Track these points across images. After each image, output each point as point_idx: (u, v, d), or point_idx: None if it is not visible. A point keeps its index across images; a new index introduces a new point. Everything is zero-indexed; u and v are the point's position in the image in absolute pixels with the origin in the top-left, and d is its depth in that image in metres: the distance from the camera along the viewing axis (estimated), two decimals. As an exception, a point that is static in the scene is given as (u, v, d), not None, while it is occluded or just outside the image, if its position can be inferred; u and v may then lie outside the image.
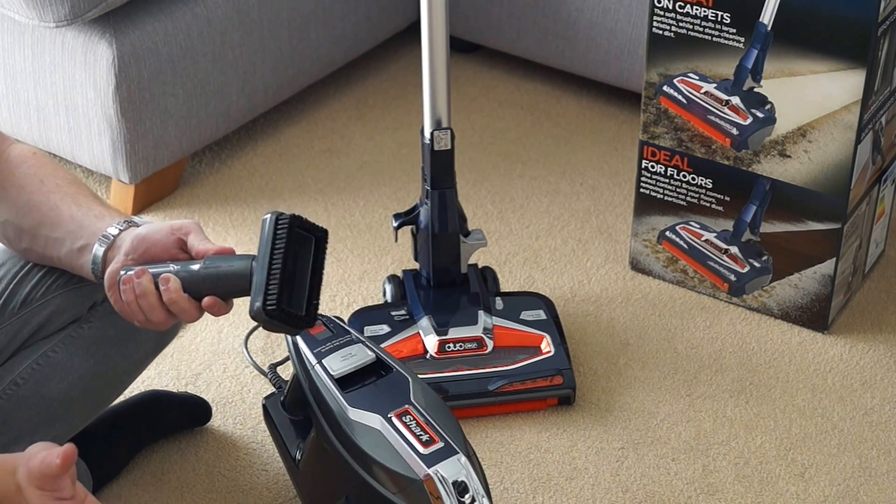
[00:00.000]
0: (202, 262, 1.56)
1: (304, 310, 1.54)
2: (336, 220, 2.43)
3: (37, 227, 1.65)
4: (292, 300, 1.53)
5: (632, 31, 2.55)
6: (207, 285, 1.55)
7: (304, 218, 1.56)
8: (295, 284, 1.54)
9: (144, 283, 1.54)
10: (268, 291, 1.51)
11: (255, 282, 1.52)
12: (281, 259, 1.52)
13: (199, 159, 2.59)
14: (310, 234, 1.57)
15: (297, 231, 1.55)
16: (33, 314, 1.72)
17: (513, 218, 2.44)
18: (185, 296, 1.55)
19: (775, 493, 1.91)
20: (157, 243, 1.59)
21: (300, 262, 1.55)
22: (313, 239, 1.57)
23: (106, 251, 1.60)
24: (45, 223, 1.64)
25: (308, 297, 1.55)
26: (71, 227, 1.63)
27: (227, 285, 1.55)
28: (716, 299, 2.25)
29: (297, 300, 1.54)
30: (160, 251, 1.59)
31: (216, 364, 2.12)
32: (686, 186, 2.19)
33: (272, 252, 1.53)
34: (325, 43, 2.63)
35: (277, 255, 1.52)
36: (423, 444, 1.59)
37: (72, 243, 1.63)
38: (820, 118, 2.03)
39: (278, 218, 1.55)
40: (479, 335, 2.06)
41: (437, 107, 2.01)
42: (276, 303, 1.51)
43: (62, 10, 2.19)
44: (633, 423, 2.03)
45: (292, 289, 1.53)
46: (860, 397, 2.07)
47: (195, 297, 1.55)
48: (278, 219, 1.55)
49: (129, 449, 1.93)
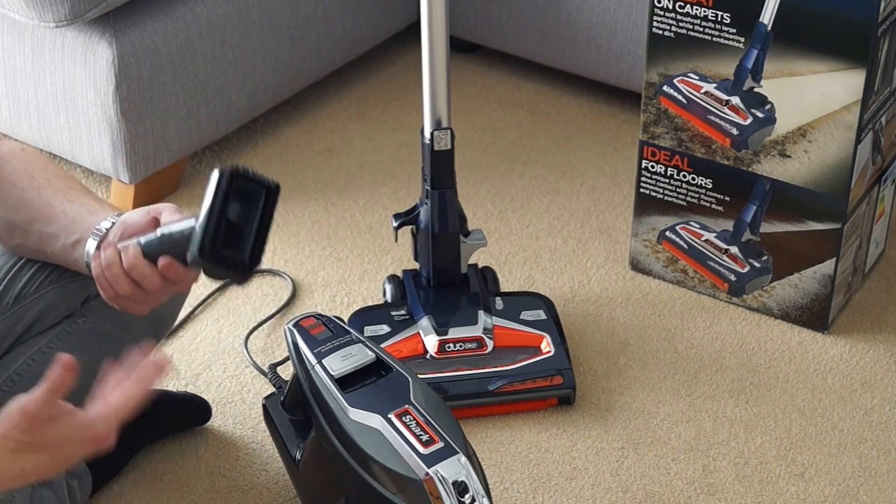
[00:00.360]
0: (160, 229, 1.57)
1: (246, 256, 1.53)
2: (336, 220, 2.43)
3: (29, 222, 1.65)
4: (233, 245, 1.52)
5: (632, 31, 2.55)
6: (162, 248, 1.56)
7: (252, 171, 1.55)
8: (237, 231, 1.53)
9: (109, 254, 1.56)
10: (204, 234, 1.50)
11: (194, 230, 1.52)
12: (220, 205, 1.51)
13: (199, 159, 2.59)
14: (259, 187, 1.56)
15: (240, 182, 1.54)
16: (27, 309, 1.72)
17: (513, 218, 2.44)
18: (144, 261, 1.55)
19: (775, 493, 1.91)
20: (133, 224, 1.60)
21: (245, 211, 1.54)
22: (263, 190, 1.56)
23: (99, 244, 1.60)
24: (38, 219, 1.64)
25: (252, 246, 1.54)
26: (64, 223, 1.63)
27: (178, 244, 1.54)
28: (716, 299, 2.25)
29: (240, 246, 1.53)
30: (136, 232, 1.60)
31: (216, 364, 2.12)
32: (686, 186, 2.19)
33: (213, 200, 1.52)
34: (325, 43, 2.63)
35: (217, 202, 1.51)
36: (423, 444, 1.59)
37: (65, 238, 1.63)
38: (820, 118, 2.03)
39: (221, 169, 1.54)
40: (479, 335, 2.06)
41: (437, 107, 2.01)
42: (210, 245, 1.50)
43: (62, 10, 2.19)
44: (633, 423, 2.03)
45: (238, 236, 1.53)
46: (860, 397, 2.07)
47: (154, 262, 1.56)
48: (221, 170, 1.53)
49: (129, 449, 1.93)
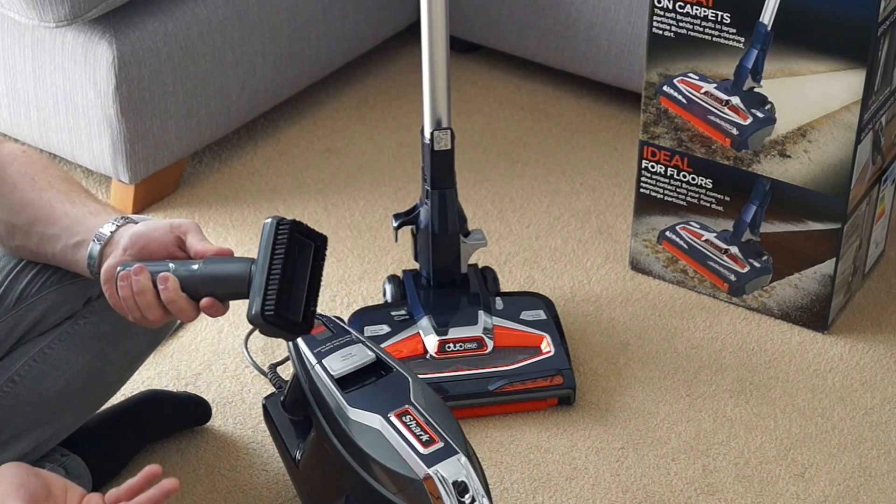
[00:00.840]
0: (201, 263, 1.56)
1: (300, 316, 1.54)
2: (336, 220, 2.43)
3: (30, 224, 1.65)
4: (290, 306, 1.53)
5: (632, 31, 2.55)
6: (205, 286, 1.55)
7: (305, 224, 1.57)
8: (293, 290, 1.54)
9: (143, 280, 1.54)
10: (266, 296, 1.51)
11: (253, 286, 1.53)
12: (280, 264, 1.52)
13: (199, 159, 2.59)
14: (309, 241, 1.57)
15: (296, 237, 1.55)
16: (28, 310, 1.72)
17: (513, 218, 2.44)
18: (184, 295, 1.55)
19: (775, 493, 1.91)
20: (156, 240, 1.59)
21: (299, 267, 1.55)
22: (313, 245, 1.57)
23: (103, 247, 1.60)
24: (39, 220, 1.64)
25: (305, 304, 1.55)
26: (66, 224, 1.63)
27: (226, 287, 1.55)
28: (716, 299, 2.25)
29: (295, 306, 1.54)
30: (158, 248, 1.59)
31: (216, 364, 2.12)
32: (686, 186, 2.19)
33: (272, 257, 1.53)
34: (325, 43, 2.63)
35: (277, 260, 1.53)
36: (423, 444, 1.59)
37: (67, 239, 1.63)
38: (820, 118, 2.03)
39: (279, 223, 1.55)
40: (479, 335, 2.06)
41: (437, 107, 2.01)
42: (273, 308, 1.51)
43: (62, 10, 2.19)
44: (633, 423, 2.02)
45: (290, 294, 1.54)
46: (860, 397, 2.07)
47: (193, 296, 1.56)
48: (279, 224, 1.55)
49: (129, 449, 1.93)
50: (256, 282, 1.52)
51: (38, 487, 1.39)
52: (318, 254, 1.57)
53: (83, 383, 1.77)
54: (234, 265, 1.55)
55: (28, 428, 1.73)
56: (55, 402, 1.74)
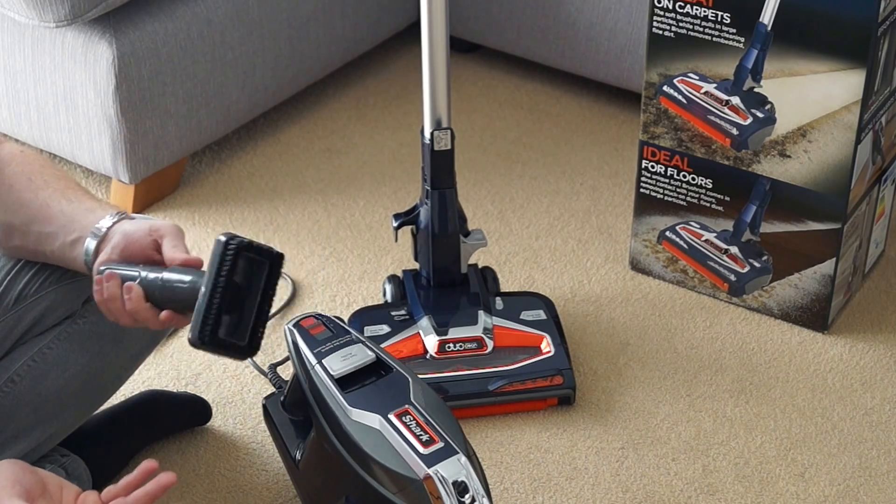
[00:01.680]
0: (164, 272, 1.56)
1: (246, 339, 1.52)
2: (336, 220, 2.43)
3: (27, 223, 1.65)
4: (237, 328, 1.51)
5: (632, 31, 2.55)
6: (164, 298, 1.55)
7: (256, 243, 1.53)
8: (243, 311, 1.52)
9: (112, 288, 1.57)
10: (205, 321, 1.49)
11: (196, 308, 1.50)
12: (223, 286, 1.50)
13: (199, 159, 2.59)
14: (262, 259, 1.54)
15: (246, 255, 1.52)
16: (27, 310, 1.72)
17: (513, 218, 2.44)
18: (147, 305, 1.56)
19: (775, 493, 1.91)
20: (135, 242, 1.60)
21: (252, 287, 1.52)
22: (267, 263, 1.54)
23: (98, 243, 1.61)
24: (37, 219, 1.65)
25: (253, 325, 1.53)
26: (62, 222, 1.64)
27: (180, 301, 1.54)
28: (716, 299, 2.25)
29: (242, 327, 1.52)
30: (137, 250, 1.60)
31: (216, 364, 2.12)
32: (686, 186, 2.19)
33: (216, 278, 1.50)
34: (325, 43, 2.63)
35: (220, 282, 1.50)
36: (423, 444, 1.59)
37: (64, 237, 1.63)
38: (820, 118, 2.03)
39: (227, 242, 1.51)
40: (479, 335, 2.06)
41: (437, 107, 2.01)
42: (210, 333, 1.49)
43: (62, 10, 2.19)
44: (633, 423, 2.02)
45: (240, 315, 1.52)
46: (860, 397, 2.07)
47: (157, 306, 1.56)
48: (227, 243, 1.51)
49: (129, 449, 1.93)
50: (198, 304, 1.50)
51: (33, 484, 1.39)
52: (273, 272, 1.54)
53: (82, 383, 1.77)
54: (189, 279, 1.54)
55: (28, 428, 1.73)
56: (55, 402, 1.74)
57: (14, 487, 1.38)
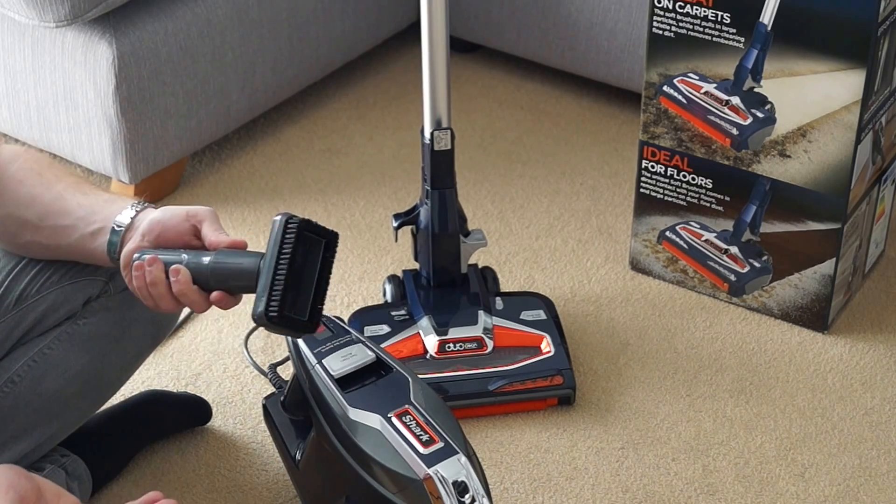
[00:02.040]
0: (212, 255, 1.57)
1: (307, 314, 1.55)
2: (336, 220, 2.43)
3: (41, 217, 1.65)
4: (297, 304, 1.54)
5: (632, 31, 2.55)
6: (216, 279, 1.56)
7: (314, 222, 1.57)
8: (301, 288, 1.54)
9: (155, 272, 1.56)
10: (271, 296, 1.52)
11: (259, 284, 1.53)
12: (287, 263, 1.53)
13: (199, 159, 2.59)
14: (319, 238, 1.57)
15: (305, 234, 1.55)
16: (28, 311, 1.72)
17: (513, 218, 2.44)
18: (195, 288, 1.56)
19: (775, 493, 1.91)
20: (172, 228, 1.60)
21: (308, 265, 1.56)
22: (323, 242, 1.57)
23: (123, 233, 1.61)
24: (51, 213, 1.64)
25: (312, 302, 1.56)
26: (80, 214, 1.64)
27: (235, 282, 1.56)
28: (716, 299, 2.25)
29: (302, 304, 1.54)
30: (174, 236, 1.60)
31: (216, 364, 2.12)
32: (686, 186, 2.19)
33: (279, 255, 1.53)
34: (325, 43, 2.63)
35: (283, 259, 1.53)
36: (423, 444, 1.59)
37: (84, 229, 1.63)
38: (820, 118, 2.03)
39: (288, 220, 1.55)
40: (479, 335, 2.06)
41: (437, 107, 2.01)
42: (278, 308, 1.51)
43: (62, 10, 2.19)
44: (633, 423, 2.02)
45: (298, 292, 1.54)
46: (860, 397, 2.07)
47: (204, 288, 1.57)
48: (288, 221, 1.55)
49: (129, 449, 1.93)
50: (262, 281, 1.53)
51: (28, 490, 1.38)
52: (328, 251, 1.58)
53: (83, 383, 1.77)
54: (244, 260, 1.56)
55: (28, 428, 1.73)
56: (55, 402, 1.74)
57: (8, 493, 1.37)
